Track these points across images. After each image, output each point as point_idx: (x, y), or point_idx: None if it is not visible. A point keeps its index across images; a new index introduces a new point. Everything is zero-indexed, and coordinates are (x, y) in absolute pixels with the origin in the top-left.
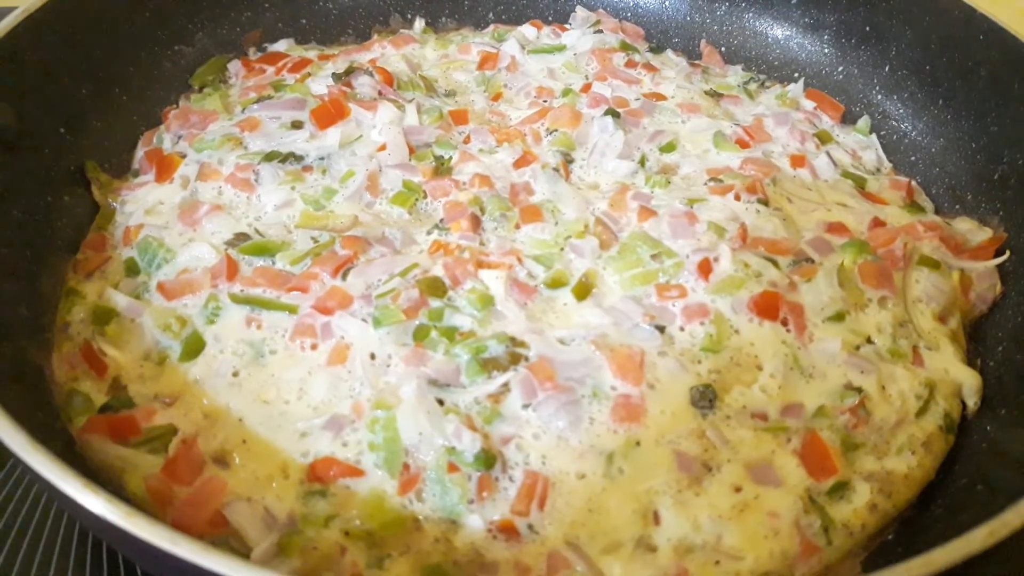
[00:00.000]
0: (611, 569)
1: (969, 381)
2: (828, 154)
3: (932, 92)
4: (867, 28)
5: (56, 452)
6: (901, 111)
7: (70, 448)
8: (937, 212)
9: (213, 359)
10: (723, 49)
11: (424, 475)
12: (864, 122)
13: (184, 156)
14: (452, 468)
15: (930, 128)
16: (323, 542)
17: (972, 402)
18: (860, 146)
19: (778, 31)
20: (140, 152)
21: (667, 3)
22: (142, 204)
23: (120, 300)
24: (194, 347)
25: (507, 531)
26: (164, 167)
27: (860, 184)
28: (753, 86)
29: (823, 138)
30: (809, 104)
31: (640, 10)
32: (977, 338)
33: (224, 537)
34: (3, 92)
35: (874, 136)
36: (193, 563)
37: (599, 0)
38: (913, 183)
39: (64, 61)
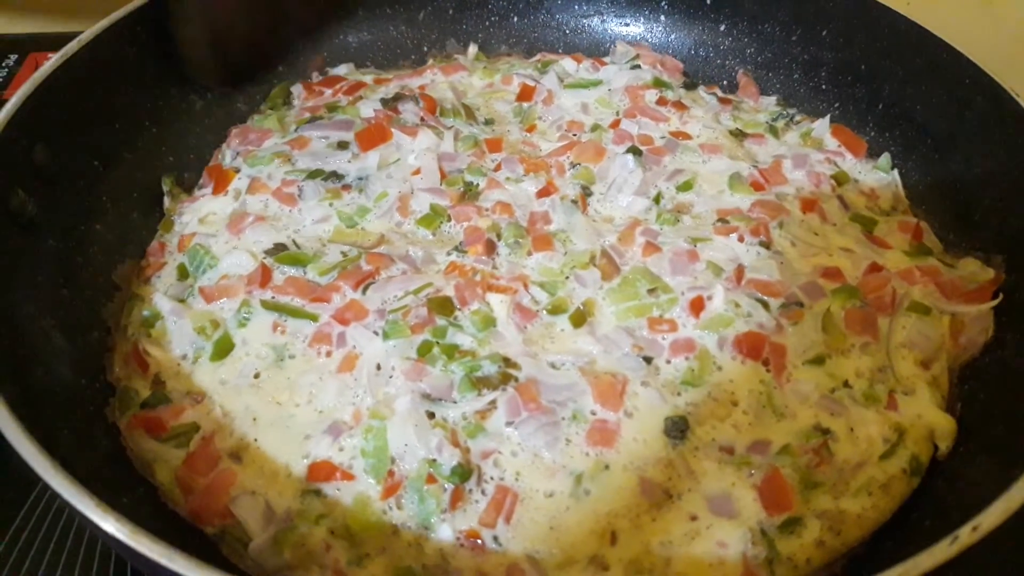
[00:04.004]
0: None
1: (942, 426)
2: (840, 198)
3: (921, 131)
4: (862, 67)
5: (95, 461)
6: (892, 149)
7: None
8: (946, 251)
9: (239, 360)
10: (759, 82)
11: (405, 483)
12: (885, 159)
13: (239, 170)
14: (430, 479)
15: (918, 166)
16: (311, 538)
17: (944, 446)
18: (880, 184)
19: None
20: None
21: (704, 36)
22: (197, 214)
23: (164, 304)
24: (224, 348)
25: (473, 541)
26: (221, 180)
27: (869, 227)
28: (781, 123)
29: (840, 179)
30: (833, 142)
31: (679, 44)
32: (965, 381)
33: (235, 525)
34: (42, 133)
35: (895, 172)
36: None
37: (642, 35)
38: (922, 223)
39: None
